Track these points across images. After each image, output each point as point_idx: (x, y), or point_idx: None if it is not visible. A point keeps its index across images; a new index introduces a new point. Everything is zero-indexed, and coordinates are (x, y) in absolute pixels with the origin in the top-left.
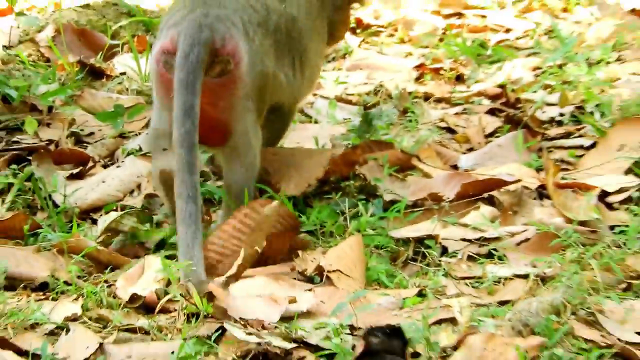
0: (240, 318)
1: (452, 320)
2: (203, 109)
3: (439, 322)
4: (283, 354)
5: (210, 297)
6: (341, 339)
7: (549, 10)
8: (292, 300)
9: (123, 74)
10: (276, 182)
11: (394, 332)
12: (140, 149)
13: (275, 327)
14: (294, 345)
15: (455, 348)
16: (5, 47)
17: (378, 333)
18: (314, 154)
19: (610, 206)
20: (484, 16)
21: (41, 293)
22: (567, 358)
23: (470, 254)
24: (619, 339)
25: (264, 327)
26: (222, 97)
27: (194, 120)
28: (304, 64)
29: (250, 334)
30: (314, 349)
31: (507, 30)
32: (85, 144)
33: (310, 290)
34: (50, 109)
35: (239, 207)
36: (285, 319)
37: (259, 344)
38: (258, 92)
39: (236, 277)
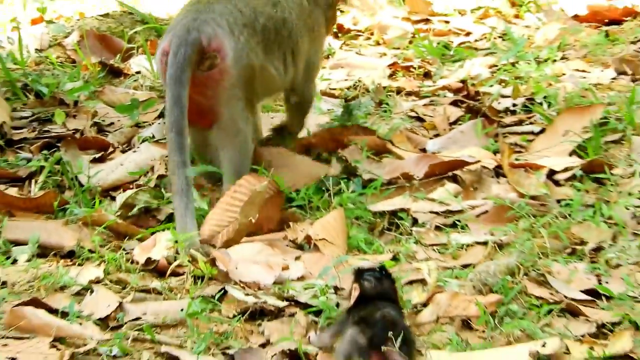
0: (240, 281)
1: (422, 281)
2: (195, 98)
3: (411, 282)
4: (277, 311)
5: (214, 262)
6: (327, 297)
7: (502, 17)
8: (285, 268)
9: (138, 72)
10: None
11: (382, 273)
12: (154, 137)
13: (270, 288)
14: (286, 303)
15: (425, 305)
16: (37, 51)
17: (369, 277)
18: (312, 167)
19: (557, 183)
20: (447, 22)
21: (69, 259)
22: (520, 313)
23: (437, 224)
24: (565, 296)
25: (259, 288)
26: (211, 87)
27: (182, 108)
28: (297, 57)
29: (248, 294)
30: (303, 306)
31: (467, 34)
32: (106, 133)
33: (299, 256)
34: (76, 103)
35: (233, 181)
36: (279, 281)
37: (256, 302)
38: (246, 83)
39: (234, 241)
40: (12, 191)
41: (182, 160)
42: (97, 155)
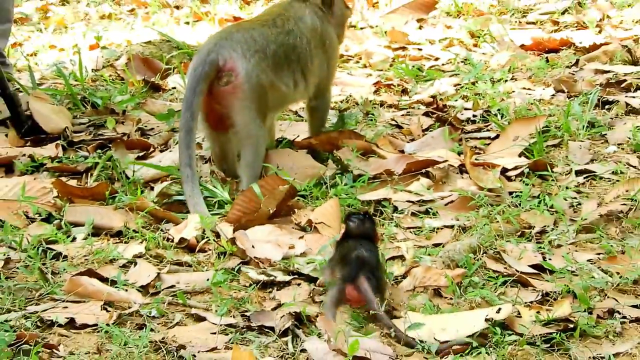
0: (255, 257)
1: (401, 257)
2: (215, 107)
3: (392, 258)
4: (284, 281)
5: (234, 241)
6: None
7: (464, 46)
8: (291, 247)
9: (174, 88)
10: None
11: (366, 216)
12: None
13: (279, 263)
14: (292, 276)
15: (404, 276)
16: (94, 70)
17: (354, 219)
18: (314, 167)
19: (509, 178)
20: (420, 49)
21: (117, 238)
22: (481, 284)
23: (413, 211)
24: (516, 270)
25: (271, 264)
26: (227, 99)
27: (192, 113)
28: (307, 74)
29: (261, 268)
30: (306, 277)
31: (436, 59)
32: (147, 136)
33: (302, 236)
34: (124, 112)
35: (248, 177)
36: (286, 257)
37: (267, 275)
38: (257, 96)
39: (253, 224)
40: (72, 182)
41: (188, 155)
42: (140, 154)
